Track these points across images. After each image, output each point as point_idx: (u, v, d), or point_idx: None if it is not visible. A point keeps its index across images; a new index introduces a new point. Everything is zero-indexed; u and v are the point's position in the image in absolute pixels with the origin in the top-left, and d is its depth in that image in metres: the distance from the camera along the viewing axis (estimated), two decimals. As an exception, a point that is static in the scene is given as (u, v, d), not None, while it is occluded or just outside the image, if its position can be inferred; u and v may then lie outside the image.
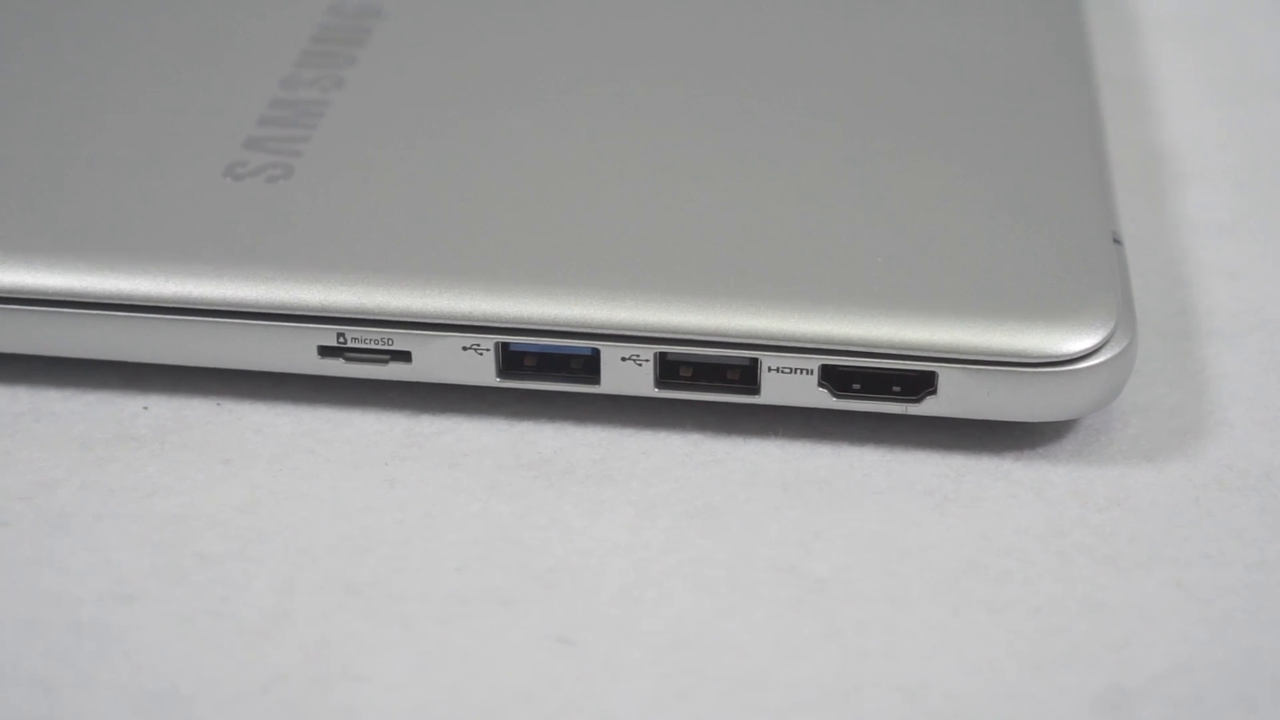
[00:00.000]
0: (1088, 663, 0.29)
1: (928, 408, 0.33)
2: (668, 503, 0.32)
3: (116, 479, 0.33)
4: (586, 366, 0.33)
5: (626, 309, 0.32)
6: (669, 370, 0.33)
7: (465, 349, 0.33)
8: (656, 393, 0.33)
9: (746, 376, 0.33)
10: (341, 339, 0.33)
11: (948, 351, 0.32)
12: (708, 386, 0.33)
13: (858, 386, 0.33)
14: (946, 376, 0.32)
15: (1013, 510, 0.32)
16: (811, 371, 0.33)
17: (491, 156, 0.36)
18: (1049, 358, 0.32)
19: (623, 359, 0.33)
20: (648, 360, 0.33)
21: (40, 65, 0.39)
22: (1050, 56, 0.40)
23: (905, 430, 0.34)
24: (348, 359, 0.34)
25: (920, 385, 0.33)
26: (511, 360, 0.33)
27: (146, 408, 0.35)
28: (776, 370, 0.33)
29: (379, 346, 0.33)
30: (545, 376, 0.33)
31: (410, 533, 0.32)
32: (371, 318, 0.33)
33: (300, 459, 0.33)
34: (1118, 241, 0.34)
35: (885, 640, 0.30)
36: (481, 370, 0.33)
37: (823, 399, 0.33)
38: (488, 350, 0.33)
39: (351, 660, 0.29)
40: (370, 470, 0.33)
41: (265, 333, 0.33)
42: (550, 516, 0.32)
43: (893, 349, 0.32)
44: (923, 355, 0.32)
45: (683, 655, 0.30)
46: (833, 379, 0.33)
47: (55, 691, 0.29)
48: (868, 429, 0.34)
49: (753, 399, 0.33)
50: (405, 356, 0.33)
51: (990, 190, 0.35)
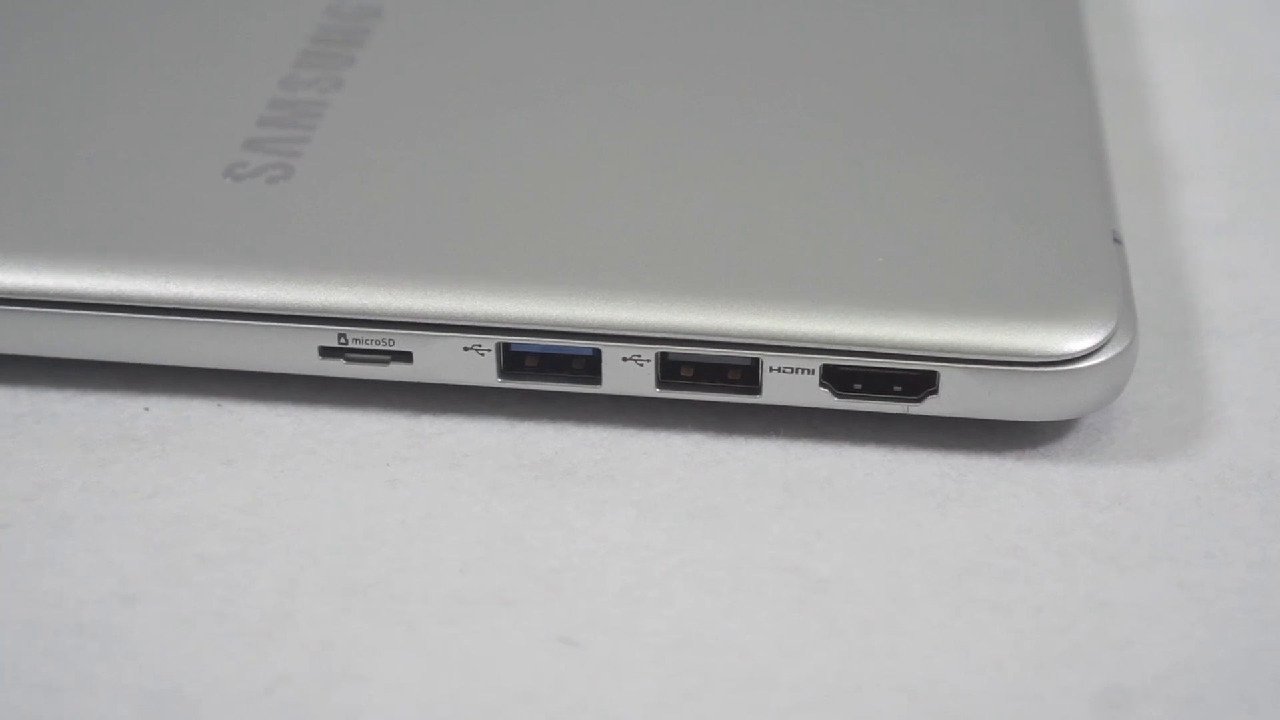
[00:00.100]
0: (1090, 662, 0.29)
1: (929, 407, 0.33)
2: (670, 503, 0.32)
3: (118, 480, 0.33)
4: (588, 367, 0.33)
5: (628, 309, 0.32)
6: (670, 370, 0.33)
7: (466, 349, 0.33)
8: (658, 393, 0.33)
9: (748, 376, 0.33)
10: (343, 339, 0.33)
11: (949, 351, 0.32)
12: (709, 386, 0.33)
13: (859, 386, 0.33)
14: (948, 376, 0.32)
15: (1014, 510, 0.32)
16: (813, 371, 0.33)
17: (491, 156, 0.36)
18: (1050, 357, 0.32)
19: (624, 359, 0.33)
20: (649, 360, 0.33)
21: (40, 65, 0.39)
22: (1049, 56, 0.40)
23: (907, 430, 0.34)
24: (349, 359, 0.34)
25: (921, 385, 0.33)
26: (513, 360, 0.33)
27: (147, 409, 0.35)
28: (778, 370, 0.33)
29: (380, 347, 0.33)
30: (546, 377, 0.33)
31: (412, 533, 0.32)
32: (372, 318, 0.33)
33: (302, 460, 0.33)
34: (1118, 241, 0.34)
35: (888, 640, 0.30)
36: (483, 371, 0.33)
37: (824, 399, 0.33)
38: (489, 351, 0.33)
39: (354, 661, 0.29)
40: (372, 471, 0.33)
41: (266, 333, 0.33)
42: (552, 517, 0.32)
43: (894, 349, 0.32)
44: (924, 355, 0.32)
45: (686, 655, 0.30)
46: (834, 379, 0.33)
47: (57, 693, 0.29)
48: (869, 429, 0.34)
49: (754, 399, 0.33)
50: (406, 357, 0.33)
51: (990, 190, 0.35)
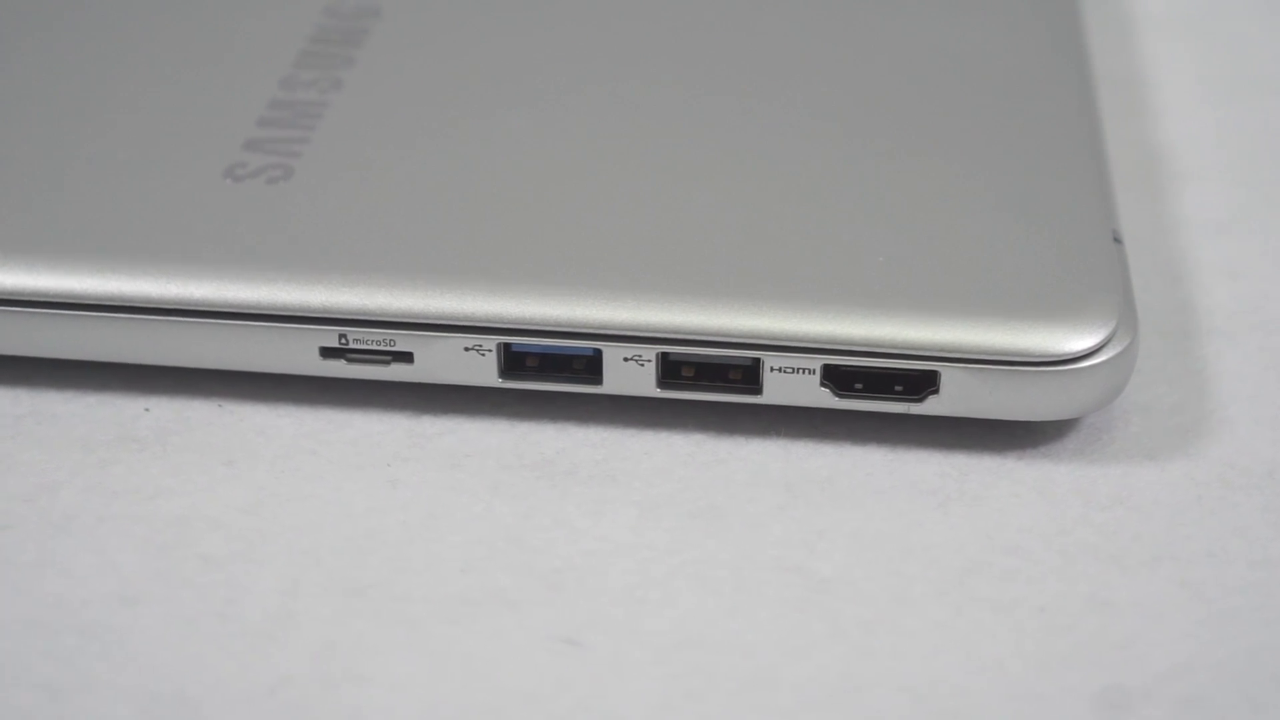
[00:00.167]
0: (1092, 661, 0.29)
1: (930, 407, 0.33)
2: (671, 503, 0.32)
3: (119, 481, 0.33)
4: (588, 367, 0.33)
5: (628, 309, 0.32)
6: (671, 370, 0.33)
7: (467, 350, 0.33)
8: (659, 393, 0.33)
9: (749, 376, 0.33)
10: (343, 340, 0.33)
11: (950, 351, 0.32)
12: (710, 386, 0.33)
13: (860, 386, 0.33)
14: (948, 376, 0.32)
15: (1016, 509, 0.32)
16: (814, 371, 0.33)
17: (491, 156, 0.36)
18: (1051, 357, 0.32)
19: (625, 359, 0.33)
20: (650, 360, 0.33)
21: (40, 65, 0.39)
22: (1049, 56, 0.40)
23: (908, 429, 0.34)
24: (349, 360, 0.34)
25: (922, 384, 0.33)
26: (513, 361, 0.33)
27: (148, 409, 0.34)
28: (779, 370, 0.33)
29: (381, 347, 0.33)
30: (547, 377, 0.33)
31: (413, 534, 0.32)
32: (373, 319, 0.33)
33: (303, 460, 0.33)
34: (1118, 240, 0.34)
35: (890, 639, 0.30)
36: (483, 371, 0.33)
37: (825, 399, 0.33)
38: (490, 351, 0.33)
39: (356, 661, 0.29)
40: (373, 471, 0.33)
41: (267, 334, 0.33)
42: (554, 517, 0.32)
43: (895, 348, 0.32)
44: (925, 355, 0.32)
45: (688, 655, 0.30)
46: (835, 378, 0.33)
47: (60, 694, 0.29)
48: (870, 428, 0.34)
49: (755, 399, 0.33)
50: (407, 357, 0.33)
51: (990, 190, 0.35)
